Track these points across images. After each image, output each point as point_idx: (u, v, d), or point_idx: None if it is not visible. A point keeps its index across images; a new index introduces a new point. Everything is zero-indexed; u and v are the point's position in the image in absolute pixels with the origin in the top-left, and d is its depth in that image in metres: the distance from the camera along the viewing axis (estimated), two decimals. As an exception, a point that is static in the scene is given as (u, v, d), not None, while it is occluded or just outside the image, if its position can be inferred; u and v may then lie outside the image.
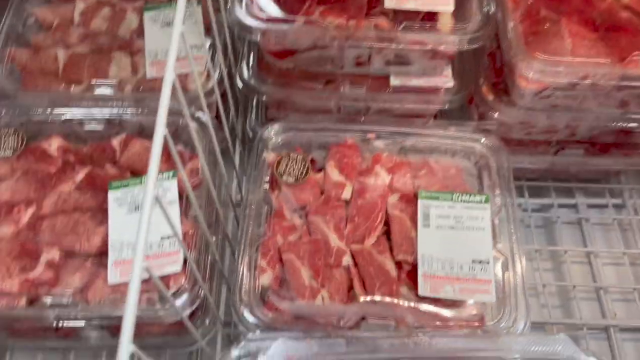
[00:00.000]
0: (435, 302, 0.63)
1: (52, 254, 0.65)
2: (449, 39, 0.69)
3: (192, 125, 0.54)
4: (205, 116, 0.63)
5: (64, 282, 0.64)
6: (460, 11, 0.71)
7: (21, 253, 0.65)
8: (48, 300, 0.61)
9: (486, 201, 0.67)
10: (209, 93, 0.75)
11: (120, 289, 0.63)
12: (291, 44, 0.72)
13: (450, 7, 0.70)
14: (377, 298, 0.63)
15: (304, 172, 0.70)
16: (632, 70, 0.64)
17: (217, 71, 0.77)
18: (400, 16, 0.71)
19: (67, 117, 0.75)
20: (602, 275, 0.85)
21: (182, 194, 0.68)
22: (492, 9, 0.70)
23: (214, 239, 0.69)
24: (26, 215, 0.68)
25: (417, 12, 0.70)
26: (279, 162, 0.71)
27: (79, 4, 0.85)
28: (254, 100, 0.85)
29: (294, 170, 0.70)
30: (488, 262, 0.64)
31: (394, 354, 0.49)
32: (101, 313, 0.61)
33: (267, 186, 0.71)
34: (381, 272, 0.65)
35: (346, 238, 0.67)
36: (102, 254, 0.66)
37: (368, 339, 0.52)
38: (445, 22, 0.71)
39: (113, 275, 0.63)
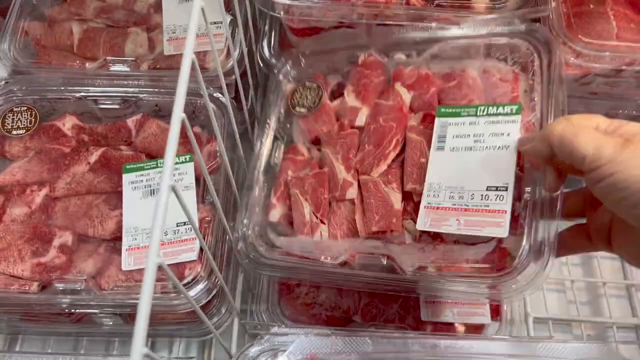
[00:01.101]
0: (435, 239, 0.56)
1: (64, 237, 0.63)
2: (484, 19, 0.64)
3: (211, 107, 0.50)
4: (225, 97, 0.59)
5: (77, 268, 0.62)
6: (497, -11, 0.66)
7: (33, 236, 0.63)
8: (60, 286, 0.59)
9: (517, 112, 0.54)
10: (228, 72, 0.71)
11: (134, 276, 0.61)
12: (316, 21, 0.68)
13: (487, -15, 0.65)
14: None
15: (317, 100, 0.64)
16: (683, 57, 0.60)
17: (237, 49, 0.73)
18: (433, -7, 0.67)
19: (82, 95, 0.72)
20: (633, 273, 0.81)
21: (199, 178, 0.65)
22: (532, -12, 0.65)
23: (231, 224, 0.67)
24: (39, 196, 0.66)
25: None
26: (293, 93, 0.66)
27: (95, -24, 0.82)
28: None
29: (307, 99, 0.65)
30: (506, 189, 0.51)
31: (422, 355, 0.46)
32: (114, 301, 0.59)
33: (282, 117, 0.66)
34: (383, 205, 0.58)
35: (354, 168, 0.61)
36: (116, 239, 0.64)
37: (397, 337, 0.49)
38: (482, 1, 0.66)
39: (127, 262, 0.61)
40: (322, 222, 0.59)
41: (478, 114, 0.56)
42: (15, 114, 0.70)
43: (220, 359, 0.71)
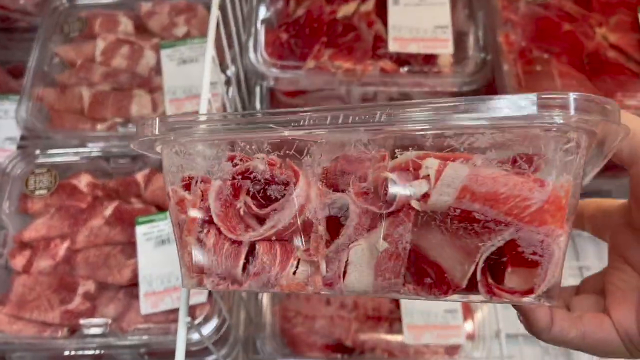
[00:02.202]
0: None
1: (87, 286, 0.71)
2: (447, 81, 0.74)
3: None
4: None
5: (100, 312, 0.70)
6: (458, 53, 0.76)
7: (60, 286, 0.71)
8: (87, 330, 0.68)
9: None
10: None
11: (152, 318, 0.69)
12: (303, 85, 0.77)
13: (449, 50, 0.75)
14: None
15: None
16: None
17: (233, 107, 0.83)
18: (403, 56, 0.77)
19: (94, 155, 0.81)
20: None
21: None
22: (488, 52, 0.75)
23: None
24: (62, 249, 0.74)
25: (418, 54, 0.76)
26: None
27: (100, 42, 0.91)
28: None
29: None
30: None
31: None
32: (137, 341, 0.67)
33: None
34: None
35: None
36: (132, 285, 0.72)
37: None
38: (445, 63, 0.76)
39: (145, 307, 0.69)
40: None
41: None
42: (37, 176, 0.78)
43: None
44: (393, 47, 0.75)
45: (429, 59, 0.76)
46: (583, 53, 0.76)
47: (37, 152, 0.80)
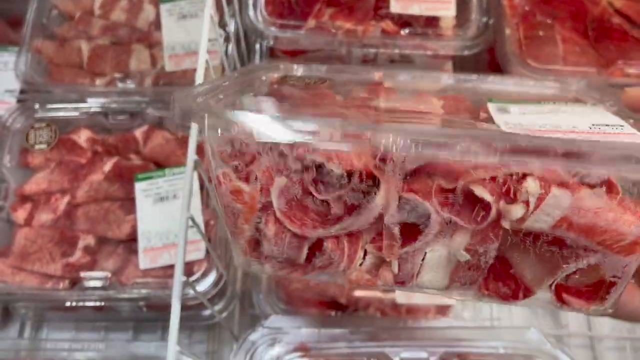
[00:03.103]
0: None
1: (88, 240, 0.73)
2: (448, 44, 0.73)
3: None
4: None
5: (100, 266, 0.72)
6: (461, 15, 0.75)
7: (61, 239, 0.72)
8: (88, 282, 0.70)
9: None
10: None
11: (150, 273, 0.71)
12: (303, 45, 0.76)
13: (452, 12, 0.74)
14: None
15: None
16: (616, 78, 0.69)
17: (232, 65, 0.82)
18: (404, 18, 0.76)
19: (94, 110, 0.81)
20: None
21: (203, 185, 0.75)
22: (491, 15, 0.74)
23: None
24: (62, 203, 0.75)
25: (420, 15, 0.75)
26: None
27: (98, -5, 0.89)
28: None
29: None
30: None
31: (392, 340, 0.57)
32: (136, 294, 0.69)
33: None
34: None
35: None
36: (132, 240, 0.74)
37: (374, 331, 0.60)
38: (447, 25, 0.75)
39: (143, 262, 0.71)
40: None
41: None
42: (37, 130, 0.79)
43: (225, 339, 0.82)
44: (395, 8, 0.74)
45: (431, 21, 0.75)
46: (587, 18, 0.75)
47: (37, 106, 0.80)
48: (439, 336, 0.60)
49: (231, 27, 0.83)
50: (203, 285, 0.69)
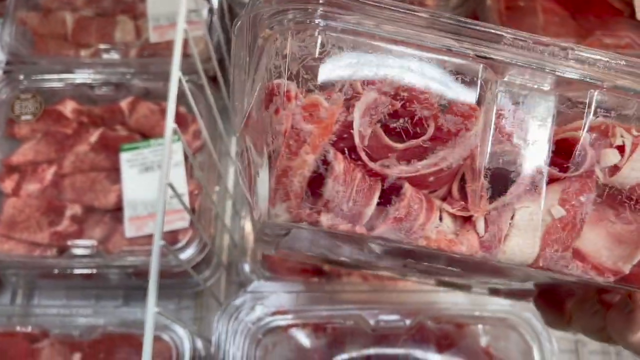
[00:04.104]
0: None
1: (74, 209, 0.74)
2: (430, 14, 0.73)
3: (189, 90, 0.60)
4: (202, 79, 0.68)
5: (87, 234, 0.73)
6: (443, -15, 0.75)
7: (48, 209, 0.74)
8: (75, 250, 0.71)
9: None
10: (207, 58, 0.81)
11: (136, 241, 0.73)
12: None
13: (434, -18, 0.74)
14: None
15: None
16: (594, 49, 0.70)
17: (215, 36, 0.82)
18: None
19: (78, 82, 0.81)
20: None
21: (187, 157, 0.76)
22: (473, -15, 0.74)
23: (216, 190, 0.78)
24: (49, 173, 0.77)
25: (402, -15, 0.75)
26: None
27: (82, -35, 0.89)
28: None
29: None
30: None
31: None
32: (122, 262, 0.71)
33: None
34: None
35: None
36: (118, 209, 0.75)
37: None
38: (429, -5, 0.75)
39: (129, 230, 0.72)
40: None
41: None
42: (22, 101, 0.79)
43: (211, 306, 0.84)
44: (377, -22, 0.74)
45: (413, -9, 0.75)
46: (569, -12, 0.75)
47: (22, 77, 0.81)
48: (415, 300, 0.62)
49: (215, -1, 0.83)
50: (187, 254, 0.71)
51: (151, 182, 0.75)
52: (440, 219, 0.31)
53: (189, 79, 0.80)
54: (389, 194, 0.30)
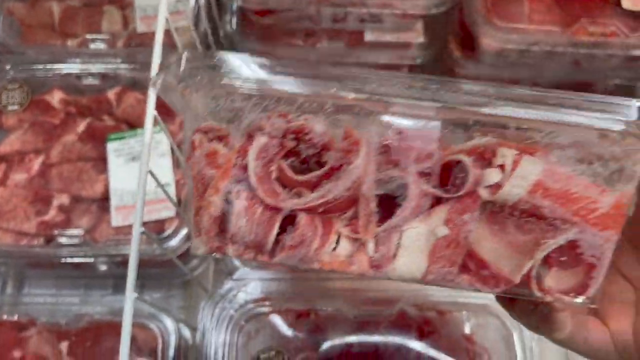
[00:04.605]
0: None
1: (62, 199, 0.75)
2: (417, 3, 0.73)
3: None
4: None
5: (74, 224, 0.74)
6: (429, -27, 0.75)
7: (35, 198, 0.74)
8: (62, 239, 0.72)
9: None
10: (193, 48, 0.81)
11: (123, 230, 0.73)
12: (272, 4, 0.77)
13: (420, -30, 0.74)
14: None
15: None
16: (579, 37, 0.70)
17: (202, 26, 0.82)
18: (373, -24, 0.76)
19: (66, 72, 0.81)
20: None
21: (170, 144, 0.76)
22: (459, -27, 0.74)
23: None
24: (36, 163, 0.77)
25: (388, -27, 0.75)
26: None
27: (69, -45, 0.89)
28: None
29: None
30: None
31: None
32: (108, 251, 0.71)
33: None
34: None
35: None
36: (105, 199, 0.75)
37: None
38: (415, -16, 0.75)
39: (115, 219, 0.73)
40: None
41: None
42: (10, 91, 0.79)
43: (200, 295, 0.85)
44: (363, -34, 0.74)
45: (399, -21, 0.75)
46: (555, -24, 0.75)
47: (9, 67, 0.81)
48: (397, 287, 0.62)
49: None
50: (174, 243, 0.71)
51: (137, 172, 0.75)
52: (339, 241, 0.34)
53: (176, 69, 0.80)
54: (287, 224, 0.33)
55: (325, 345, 0.58)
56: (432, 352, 0.58)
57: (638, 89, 0.86)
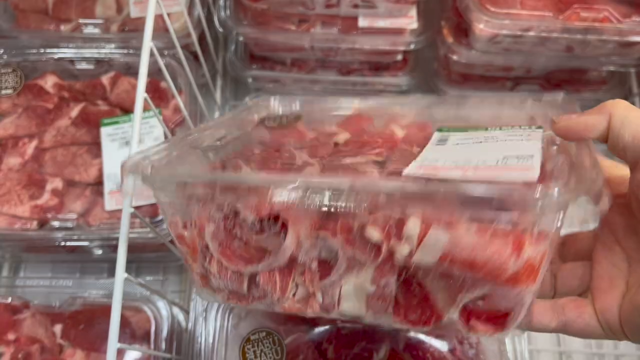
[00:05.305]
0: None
1: (55, 183, 0.75)
2: (409, -12, 0.73)
3: (163, 64, 0.60)
4: (180, 54, 0.68)
5: (68, 208, 0.74)
6: (422, -42, 0.75)
7: (29, 182, 0.74)
8: (55, 223, 0.72)
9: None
10: (188, 33, 0.81)
11: (116, 214, 0.74)
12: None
13: (413, -45, 0.74)
14: None
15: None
16: (571, 23, 0.70)
17: (195, 12, 0.82)
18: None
19: (59, 56, 0.81)
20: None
21: (169, 129, 0.76)
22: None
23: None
24: (30, 147, 0.77)
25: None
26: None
27: (62, -62, 0.88)
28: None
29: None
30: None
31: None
32: (101, 235, 0.72)
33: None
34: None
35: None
36: (98, 183, 0.76)
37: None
38: (408, -31, 0.75)
39: (109, 203, 0.73)
40: None
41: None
42: (3, 76, 0.79)
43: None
44: (356, -49, 0.74)
45: (392, -36, 0.75)
46: (548, -39, 0.75)
47: (2, 51, 0.81)
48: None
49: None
50: (166, 227, 0.72)
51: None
52: (298, 287, 0.40)
53: (170, 54, 0.80)
54: (253, 282, 0.41)
55: (316, 327, 0.58)
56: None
57: (631, 75, 0.87)
